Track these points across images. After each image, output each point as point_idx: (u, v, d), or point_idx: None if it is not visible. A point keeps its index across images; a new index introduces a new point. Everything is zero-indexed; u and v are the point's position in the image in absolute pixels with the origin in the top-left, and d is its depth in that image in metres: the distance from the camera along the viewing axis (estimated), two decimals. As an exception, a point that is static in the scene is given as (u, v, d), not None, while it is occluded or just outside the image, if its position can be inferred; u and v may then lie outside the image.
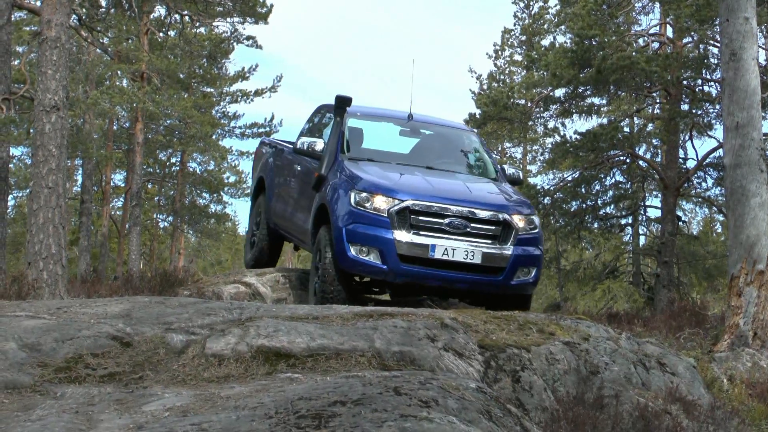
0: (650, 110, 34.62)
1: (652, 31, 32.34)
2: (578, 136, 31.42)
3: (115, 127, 46.31)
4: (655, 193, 36.68)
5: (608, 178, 34.41)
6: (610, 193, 34.72)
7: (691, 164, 32.09)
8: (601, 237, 36.04)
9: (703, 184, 33.51)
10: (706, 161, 31.41)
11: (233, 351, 6.28)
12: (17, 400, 5.38)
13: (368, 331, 6.71)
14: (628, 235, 39.63)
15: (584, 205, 34.13)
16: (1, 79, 20.34)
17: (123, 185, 51.79)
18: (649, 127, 34.65)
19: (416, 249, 11.95)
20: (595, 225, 34.99)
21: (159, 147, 49.64)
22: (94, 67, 39.46)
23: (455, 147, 15.06)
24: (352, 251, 12.09)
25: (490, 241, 12.21)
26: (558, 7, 35.49)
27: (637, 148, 33.54)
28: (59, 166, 16.49)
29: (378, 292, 14.12)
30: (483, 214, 12.26)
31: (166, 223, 61.46)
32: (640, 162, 33.23)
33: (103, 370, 6.01)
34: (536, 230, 12.68)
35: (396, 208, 12.01)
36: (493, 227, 12.24)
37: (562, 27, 34.59)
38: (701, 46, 30.62)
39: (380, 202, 12.11)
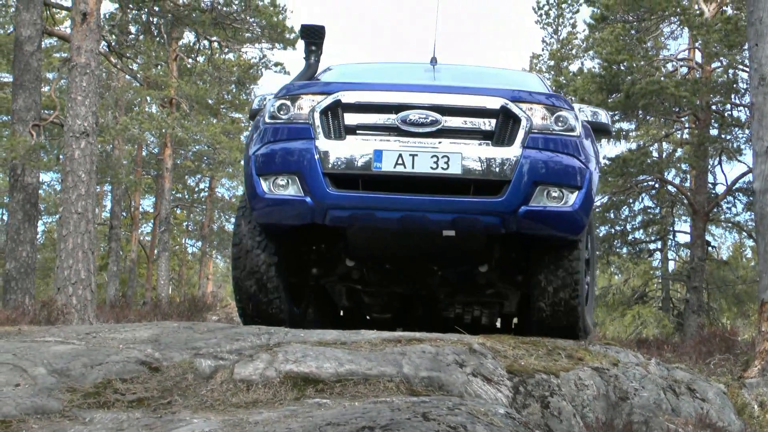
0: (679, 135, 34.64)
1: (680, 56, 32.41)
2: (607, 161, 31.44)
3: (144, 153, 46.61)
4: (684, 218, 36.68)
5: (637, 203, 34.52)
6: (639, 218, 34.79)
7: (720, 189, 32.12)
8: (630, 262, 36.02)
9: (733, 209, 33.54)
10: (736, 186, 31.41)
11: (261, 376, 6.27)
12: (46, 425, 5.39)
13: (396, 356, 6.69)
14: (657, 261, 39.60)
15: (613, 230, 34.19)
16: (31, 106, 20.50)
17: (152, 211, 52.05)
18: (678, 152, 34.70)
19: (353, 163, 7.45)
20: (624, 250, 35.01)
21: (188, 172, 49.98)
22: (124, 93, 39.73)
23: (491, 78, 9.98)
24: (264, 186, 7.77)
25: (478, 141, 7.56)
26: (586, 32, 35.61)
27: (666, 173, 33.60)
28: (88, 191, 16.60)
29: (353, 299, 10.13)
30: (465, 100, 7.70)
31: (194, 249, 61.79)
32: (669, 187, 33.27)
33: (132, 395, 6.01)
34: (573, 133, 7.83)
35: (322, 106, 7.68)
36: (484, 119, 7.64)
37: (591, 52, 34.73)
38: (730, 71, 30.67)
39: (303, 106, 7.81)
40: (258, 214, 8.00)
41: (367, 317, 10.97)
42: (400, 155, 7.38)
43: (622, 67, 29.30)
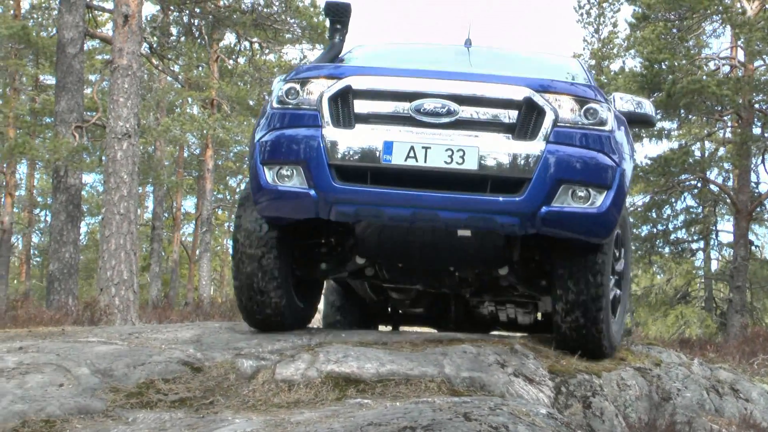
0: (721, 134, 34.42)
1: (722, 54, 32.18)
2: (649, 161, 31.27)
3: (185, 154, 46.77)
4: (726, 217, 36.50)
5: (679, 202, 34.33)
6: (682, 217, 34.60)
7: (763, 188, 31.98)
8: (673, 262, 35.82)
9: (776, 209, 33.24)
10: (779, 185, 31.12)
11: (303, 376, 6.27)
12: (90, 425, 5.41)
13: (438, 356, 6.67)
14: (700, 260, 39.36)
15: (655, 230, 34.02)
16: (73, 107, 20.62)
17: (193, 211, 52.24)
18: (721, 151, 34.47)
19: (361, 154, 6.75)
20: (667, 250, 34.83)
21: (229, 173, 50.10)
22: (165, 94, 39.90)
23: (525, 63, 9.22)
24: (267, 177, 7.09)
25: (497, 135, 6.82)
26: (627, 31, 35.44)
27: (708, 173, 33.38)
28: (131, 192, 16.70)
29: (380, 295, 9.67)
30: (485, 89, 6.92)
31: (236, 249, 61.65)
32: (712, 186, 33.07)
33: (174, 395, 6.03)
34: (604, 127, 7.04)
35: (331, 92, 6.97)
36: (506, 110, 6.88)
37: (632, 51, 34.58)
38: (773, 69, 30.42)
39: (313, 91, 7.10)
40: (261, 207, 7.30)
41: (399, 311, 10.64)
42: (412, 147, 6.68)
43: (664, 66, 29.16)
